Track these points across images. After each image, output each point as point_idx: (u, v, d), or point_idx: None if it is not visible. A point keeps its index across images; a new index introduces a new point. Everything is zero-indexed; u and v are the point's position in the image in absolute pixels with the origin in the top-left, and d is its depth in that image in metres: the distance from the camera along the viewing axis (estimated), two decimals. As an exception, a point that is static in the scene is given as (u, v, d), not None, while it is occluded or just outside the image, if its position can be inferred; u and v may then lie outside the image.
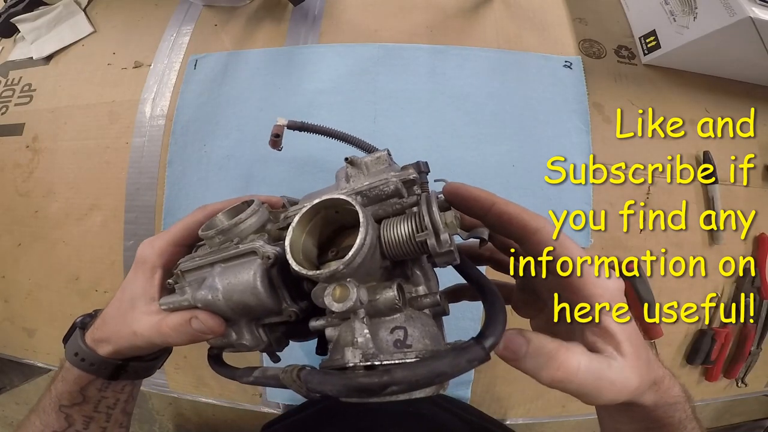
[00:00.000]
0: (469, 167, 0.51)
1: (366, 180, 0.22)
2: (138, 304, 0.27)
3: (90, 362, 0.29)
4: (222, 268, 0.23)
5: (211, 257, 0.23)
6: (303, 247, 0.20)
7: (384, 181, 0.21)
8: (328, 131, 0.39)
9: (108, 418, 0.32)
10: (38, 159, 0.60)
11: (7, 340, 0.63)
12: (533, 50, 0.56)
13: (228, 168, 0.53)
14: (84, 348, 0.29)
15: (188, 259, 0.25)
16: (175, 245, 0.28)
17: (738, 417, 0.78)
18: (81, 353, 0.29)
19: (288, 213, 0.24)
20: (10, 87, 0.66)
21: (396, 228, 0.19)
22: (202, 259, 0.24)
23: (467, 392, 0.51)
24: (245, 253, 0.22)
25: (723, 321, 0.53)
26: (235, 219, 0.23)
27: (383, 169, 0.22)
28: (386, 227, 0.20)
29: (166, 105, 0.57)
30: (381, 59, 0.54)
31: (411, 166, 0.22)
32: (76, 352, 0.29)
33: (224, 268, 0.23)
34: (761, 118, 0.55)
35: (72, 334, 0.31)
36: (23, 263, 0.60)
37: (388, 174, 0.21)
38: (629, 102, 0.54)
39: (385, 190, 0.21)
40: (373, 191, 0.21)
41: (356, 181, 0.22)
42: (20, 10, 0.68)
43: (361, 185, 0.22)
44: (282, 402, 0.54)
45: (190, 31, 0.61)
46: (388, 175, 0.21)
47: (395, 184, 0.21)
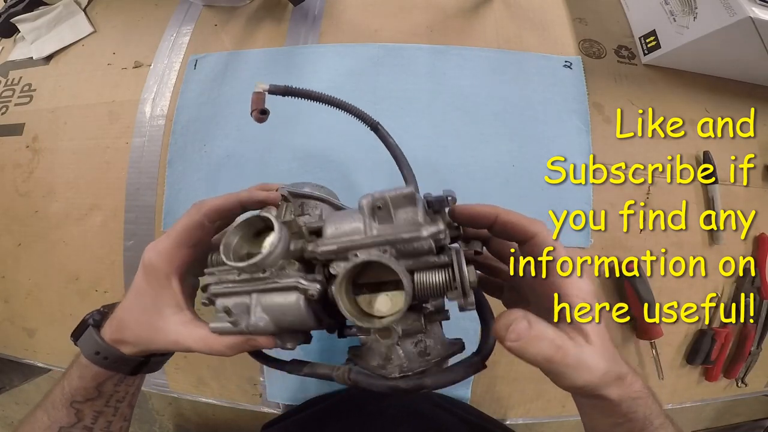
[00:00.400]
0: (469, 167, 0.51)
1: (397, 229, 0.24)
2: (166, 313, 0.28)
3: (113, 360, 0.30)
4: (263, 297, 0.25)
5: (247, 286, 0.25)
6: (348, 296, 0.24)
7: (417, 237, 0.23)
8: (317, 95, 0.34)
9: (115, 412, 0.32)
10: (38, 159, 0.60)
11: (7, 340, 0.63)
12: (533, 50, 0.56)
13: (228, 168, 0.53)
14: (105, 346, 0.29)
15: (216, 282, 0.27)
16: (179, 248, 0.28)
17: (738, 417, 0.78)
18: (103, 352, 0.29)
19: (332, 265, 0.25)
20: (10, 87, 0.66)
21: (428, 281, 0.23)
22: (237, 286, 0.26)
23: (467, 392, 0.51)
24: (286, 287, 0.25)
25: (723, 321, 0.53)
26: (264, 254, 0.24)
27: (411, 213, 0.24)
28: (420, 280, 0.23)
29: (166, 105, 0.57)
30: (381, 59, 0.54)
31: (439, 204, 0.24)
32: (98, 351, 0.29)
33: (266, 298, 0.25)
34: (761, 118, 0.55)
35: (85, 332, 0.30)
36: (23, 263, 0.60)
37: (420, 229, 0.23)
38: (629, 102, 0.54)
39: (418, 248, 0.24)
40: (408, 246, 0.24)
41: (383, 222, 0.25)
42: (20, 10, 0.68)
43: (393, 235, 0.24)
44: (282, 402, 0.54)
45: (190, 31, 0.61)
46: (421, 232, 0.23)
47: (429, 244, 0.23)
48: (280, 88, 0.33)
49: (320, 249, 0.25)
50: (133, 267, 0.55)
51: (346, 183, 0.50)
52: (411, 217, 0.24)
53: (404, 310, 0.22)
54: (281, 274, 0.25)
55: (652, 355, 0.52)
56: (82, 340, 0.30)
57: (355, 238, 0.24)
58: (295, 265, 0.25)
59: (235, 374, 0.55)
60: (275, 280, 0.25)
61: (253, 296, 0.25)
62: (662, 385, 0.54)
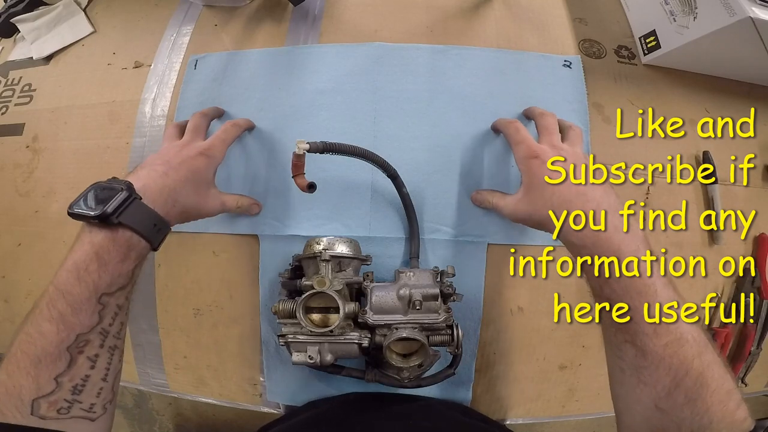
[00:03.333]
0: (469, 167, 0.51)
1: (425, 317, 0.39)
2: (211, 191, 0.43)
3: (164, 232, 0.31)
4: (332, 345, 0.39)
5: (320, 339, 0.39)
6: (392, 350, 0.39)
7: (437, 320, 0.39)
8: (352, 150, 0.42)
9: (127, 313, 0.31)
10: (38, 159, 0.60)
11: (7, 340, 0.62)
12: (533, 50, 0.56)
13: (228, 168, 0.53)
14: (160, 218, 0.30)
15: (293, 333, 0.39)
16: (218, 154, 0.44)
17: (738, 417, 0.78)
18: (158, 224, 0.30)
19: (378, 330, 0.40)
20: (10, 87, 0.66)
21: (438, 341, 0.40)
22: (312, 338, 0.39)
23: (468, 394, 0.51)
24: (349, 342, 0.39)
25: (723, 321, 0.53)
26: (335, 325, 0.37)
27: (434, 305, 0.40)
28: (432, 341, 0.40)
29: (167, 105, 0.57)
30: (381, 59, 0.54)
31: (448, 296, 0.41)
32: (155, 223, 0.29)
33: (335, 346, 0.39)
34: (761, 118, 0.54)
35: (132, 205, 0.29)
36: (23, 263, 0.60)
37: (438, 317, 0.39)
38: (629, 102, 0.54)
39: (436, 327, 0.40)
40: (432, 326, 0.39)
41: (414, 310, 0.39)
42: (20, 10, 0.67)
43: (422, 320, 0.39)
44: (282, 402, 0.54)
45: (190, 31, 0.61)
46: (441, 318, 0.39)
47: (443, 325, 0.40)
48: (319, 146, 0.39)
49: (370, 321, 0.39)
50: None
51: (347, 183, 0.51)
52: (433, 306, 0.39)
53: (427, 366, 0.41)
54: (344, 332, 0.39)
55: (652, 355, 0.51)
56: (131, 215, 0.29)
57: (396, 317, 0.39)
58: (351, 325, 0.40)
59: (235, 374, 0.55)
60: (341, 338, 0.38)
61: (325, 345, 0.39)
62: (662, 385, 0.54)
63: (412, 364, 0.39)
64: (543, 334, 0.51)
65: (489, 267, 0.50)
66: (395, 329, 0.38)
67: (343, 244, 0.43)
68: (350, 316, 0.39)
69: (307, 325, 0.37)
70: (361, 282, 0.42)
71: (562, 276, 0.50)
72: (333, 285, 0.38)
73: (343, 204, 0.50)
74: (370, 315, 0.39)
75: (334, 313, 0.38)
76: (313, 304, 0.38)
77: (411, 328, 0.38)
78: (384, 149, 0.47)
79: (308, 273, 0.44)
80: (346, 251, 0.43)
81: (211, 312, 0.54)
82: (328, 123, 0.53)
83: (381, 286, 0.41)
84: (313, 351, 0.38)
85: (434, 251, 0.50)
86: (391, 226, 0.50)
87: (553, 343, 0.51)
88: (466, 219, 0.50)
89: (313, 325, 0.37)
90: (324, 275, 0.39)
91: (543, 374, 0.52)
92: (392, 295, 0.40)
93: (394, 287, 0.41)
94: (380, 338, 0.39)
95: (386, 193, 0.50)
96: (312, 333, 0.37)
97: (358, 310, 0.39)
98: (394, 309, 0.40)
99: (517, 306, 0.51)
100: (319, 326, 0.38)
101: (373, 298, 0.40)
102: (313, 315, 0.39)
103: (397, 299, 0.40)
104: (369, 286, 0.41)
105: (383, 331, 0.39)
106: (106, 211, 0.28)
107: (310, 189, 0.39)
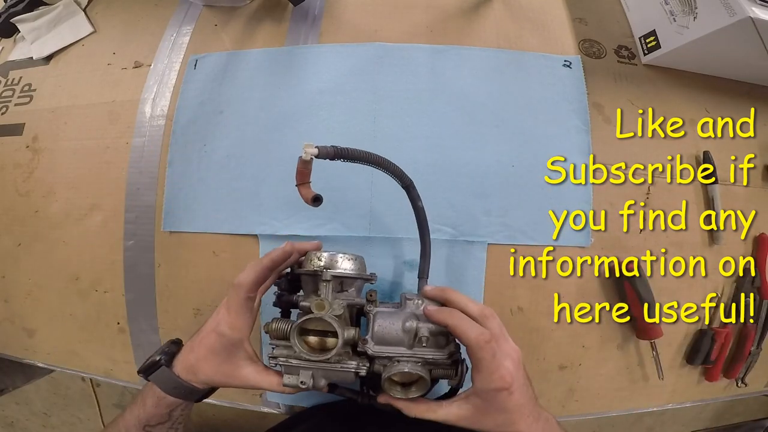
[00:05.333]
0: (469, 167, 0.51)
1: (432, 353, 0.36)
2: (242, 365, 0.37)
3: (188, 392, 0.37)
4: (327, 372, 0.36)
5: (315, 365, 0.35)
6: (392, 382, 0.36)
7: (442, 356, 0.36)
8: (365, 156, 0.36)
9: (177, 428, 0.40)
10: (38, 159, 0.60)
11: (7, 340, 0.63)
12: (533, 50, 0.56)
13: (228, 168, 0.53)
14: (181, 383, 0.37)
15: (286, 356, 0.36)
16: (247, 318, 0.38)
17: (738, 417, 0.78)
18: (179, 387, 0.37)
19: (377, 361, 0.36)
20: (10, 87, 0.66)
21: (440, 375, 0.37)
22: (307, 363, 0.35)
23: (467, 392, 0.51)
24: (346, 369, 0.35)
25: (723, 321, 0.53)
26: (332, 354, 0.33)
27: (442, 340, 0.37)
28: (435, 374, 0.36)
29: (167, 105, 0.57)
30: (381, 59, 0.54)
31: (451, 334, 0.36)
32: (175, 386, 0.37)
33: (330, 372, 0.36)
34: (761, 118, 0.55)
35: (158, 371, 0.37)
36: (23, 263, 0.60)
37: (444, 352, 0.36)
38: (629, 102, 0.54)
39: (440, 362, 0.36)
40: (435, 361, 0.36)
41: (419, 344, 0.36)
42: (20, 10, 0.67)
43: (428, 356, 0.36)
44: (282, 402, 0.54)
45: (190, 31, 0.61)
46: (445, 355, 0.36)
47: (446, 360, 0.36)
48: (330, 151, 0.34)
49: (370, 351, 0.35)
50: (134, 267, 0.55)
51: (347, 183, 0.51)
52: (440, 341, 0.36)
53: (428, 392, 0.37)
54: (341, 360, 0.35)
55: (652, 355, 0.52)
56: (158, 377, 0.37)
57: (399, 350, 0.35)
58: (350, 352, 0.36)
59: (235, 374, 0.55)
60: (338, 366, 0.35)
61: (319, 370, 0.35)
62: (662, 385, 0.54)
63: (411, 396, 0.36)
64: (543, 334, 0.51)
65: (489, 267, 0.50)
66: (397, 362, 0.35)
67: (346, 261, 0.39)
68: (349, 343, 0.35)
69: (302, 351, 0.34)
70: (363, 305, 0.38)
71: (562, 276, 0.50)
72: (333, 309, 0.34)
73: (343, 204, 0.50)
74: (371, 345, 0.35)
75: (332, 337, 0.34)
76: (309, 326, 0.35)
77: (414, 362, 0.35)
78: (384, 149, 0.47)
79: (306, 290, 0.40)
80: (350, 269, 0.39)
81: (211, 312, 0.54)
82: (328, 123, 0.53)
83: (385, 313, 0.37)
84: (306, 376, 0.35)
85: (434, 251, 0.49)
86: (391, 227, 0.50)
87: (553, 343, 0.51)
88: (466, 219, 0.50)
89: (308, 351, 0.34)
90: (323, 297, 0.36)
91: (543, 374, 0.52)
92: (397, 326, 0.36)
93: (399, 316, 0.36)
94: (379, 368, 0.36)
95: (386, 194, 0.50)
96: (306, 359, 0.34)
97: (358, 338, 0.35)
98: (398, 341, 0.36)
99: (517, 306, 0.51)
100: (315, 350, 0.34)
101: (375, 326, 0.36)
102: (309, 337, 0.35)
103: (402, 331, 0.36)
104: (372, 311, 0.37)
105: (383, 361, 0.36)
106: (139, 369, 0.38)
107: (315, 202, 0.35)
